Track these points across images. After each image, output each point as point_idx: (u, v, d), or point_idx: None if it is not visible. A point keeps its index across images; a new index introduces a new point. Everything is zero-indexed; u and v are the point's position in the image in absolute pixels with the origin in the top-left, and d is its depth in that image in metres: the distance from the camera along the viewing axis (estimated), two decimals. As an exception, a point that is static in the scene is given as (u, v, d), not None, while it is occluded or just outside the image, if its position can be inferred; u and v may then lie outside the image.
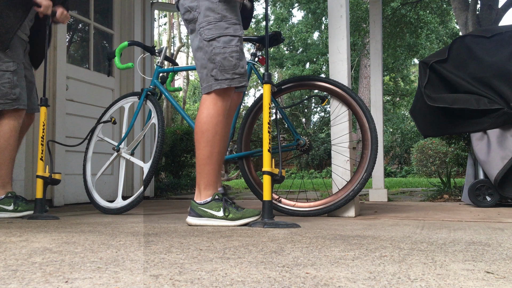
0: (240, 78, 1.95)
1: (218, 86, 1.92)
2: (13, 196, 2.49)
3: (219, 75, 1.92)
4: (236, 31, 1.93)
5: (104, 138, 2.87)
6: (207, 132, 1.91)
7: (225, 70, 1.91)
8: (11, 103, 2.46)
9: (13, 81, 2.45)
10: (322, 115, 20.35)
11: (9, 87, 2.45)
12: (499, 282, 0.86)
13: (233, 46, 1.91)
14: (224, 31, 1.90)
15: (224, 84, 1.92)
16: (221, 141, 1.94)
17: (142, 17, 4.51)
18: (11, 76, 2.45)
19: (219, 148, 1.94)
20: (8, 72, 2.45)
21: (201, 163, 1.93)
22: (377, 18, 4.03)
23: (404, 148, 12.43)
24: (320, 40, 20.85)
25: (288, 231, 1.67)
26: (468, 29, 7.97)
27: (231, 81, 1.93)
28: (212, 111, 1.92)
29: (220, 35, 1.90)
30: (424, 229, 1.74)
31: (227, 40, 1.90)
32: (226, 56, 1.90)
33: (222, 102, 1.95)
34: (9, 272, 0.96)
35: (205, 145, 1.91)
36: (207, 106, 1.94)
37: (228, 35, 1.91)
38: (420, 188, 5.80)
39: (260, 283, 0.85)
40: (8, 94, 2.45)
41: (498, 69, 2.92)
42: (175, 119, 14.62)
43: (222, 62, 1.90)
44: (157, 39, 19.94)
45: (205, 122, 1.91)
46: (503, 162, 2.83)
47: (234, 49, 1.91)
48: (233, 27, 1.92)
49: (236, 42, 1.93)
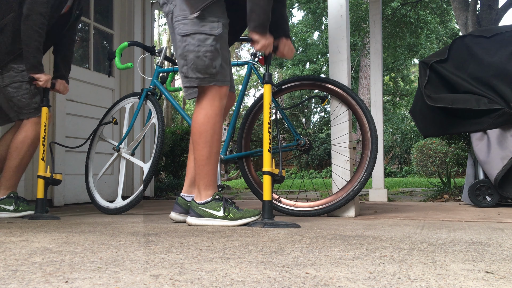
0: (210, 78, 1.89)
1: (188, 84, 1.90)
2: (14, 197, 2.50)
3: (189, 73, 1.88)
4: (213, 30, 1.84)
5: (106, 139, 2.88)
6: (205, 133, 1.89)
7: (197, 69, 1.86)
8: (34, 112, 2.51)
9: (31, 90, 2.49)
10: (322, 115, 20.35)
11: (29, 97, 2.49)
12: (499, 282, 0.86)
13: (207, 46, 1.84)
14: (199, 28, 1.83)
15: (194, 83, 1.89)
16: (218, 141, 1.93)
17: (142, 17, 4.51)
18: (28, 86, 2.48)
19: (217, 148, 1.94)
20: (25, 82, 2.47)
21: (200, 163, 1.92)
22: (377, 18, 4.03)
23: (404, 148, 12.43)
24: (320, 40, 20.85)
25: (288, 231, 1.67)
26: (468, 29, 7.97)
27: (202, 80, 1.88)
28: (209, 111, 1.91)
29: (195, 32, 1.83)
30: (424, 229, 1.74)
31: (202, 39, 1.83)
32: (199, 55, 1.84)
33: (219, 102, 1.93)
34: (9, 272, 0.96)
35: (204, 145, 1.90)
36: (204, 106, 1.92)
37: (204, 33, 1.83)
38: (420, 188, 5.80)
39: (260, 283, 0.85)
40: (29, 104, 2.49)
41: (498, 69, 2.92)
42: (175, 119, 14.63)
43: (195, 60, 1.85)
44: (157, 39, 19.95)
45: (203, 123, 1.90)
46: (503, 162, 2.83)
47: (209, 49, 1.84)
48: (209, 25, 1.84)
49: (211, 42, 1.84)
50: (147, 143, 4.41)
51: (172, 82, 3.24)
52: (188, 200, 2.11)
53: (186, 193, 2.13)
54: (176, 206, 2.11)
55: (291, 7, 20.45)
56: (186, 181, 2.15)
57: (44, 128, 2.45)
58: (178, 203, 2.11)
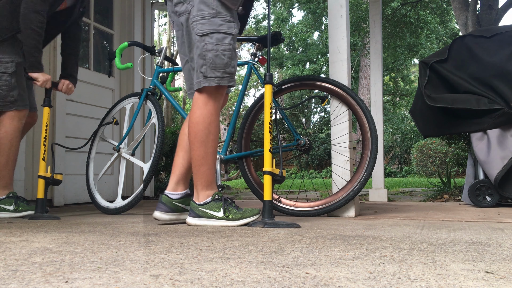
0: (229, 78, 1.90)
1: (207, 84, 1.87)
2: (14, 197, 2.50)
3: (208, 72, 1.86)
4: (230, 29, 1.87)
5: (106, 139, 2.88)
6: (200, 133, 1.88)
7: (216, 68, 1.86)
8: (9, 105, 2.45)
9: (11, 83, 2.44)
10: (322, 115, 20.36)
11: (6, 89, 2.44)
12: (499, 282, 0.86)
13: (226, 44, 1.86)
14: (218, 28, 1.85)
15: (213, 82, 1.87)
16: (214, 140, 1.91)
17: (142, 17, 4.51)
18: (9, 79, 2.44)
19: (213, 148, 1.91)
20: (6, 74, 2.43)
21: (196, 164, 1.90)
22: (377, 18, 4.03)
23: (404, 148, 12.43)
24: (320, 40, 20.86)
25: (288, 231, 1.67)
26: (468, 29, 7.97)
27: (221, 80, 1.88)
28: (204, 111, 1.89)
29: (213, 31, 1.84)
30: (424, 229, 1.74)
31: (221, 38, 1.85)
32: (218, 53, 1.85)
33: (214, 101, 1.91)
34: (9, 272, 0.96)
35: (199, 145, 1.88)
36: (199, 105, 1.90)
37: (222, 32, 1.85)
38: (420, 188, 5.80)
39: (260, 283, 0.85)
40: (6, 96, 2.44)
41: (498, 69, 2.92)
42: (175, 119, 14.62)
43: (214, 59, 1.85)
44: (157, 39, 19.94)
45: (198, 123, 1.88)
46: (503, 162, 2.83)
47: (227, 47, 1.86)
48: (227, 24, 1.87)
49: (230, 41, 1.87)
50: (147, 143, 4.41)
51: (172, 82, 3.24)
52: (172, 198, 2.04)
53: (171, 191, 2.06)
54: (160, 204, 2.02)
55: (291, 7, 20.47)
56: (172, 178, 2.08)
57: (45, 129, 2.45)
58: (162, 201, 2.03)
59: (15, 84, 2.46)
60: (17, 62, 2.47)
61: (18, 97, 2.47)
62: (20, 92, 2.48)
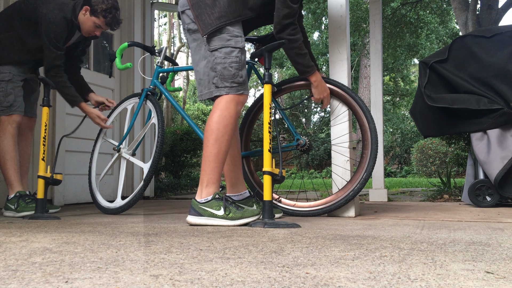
0: (238, 87, 2.03)
1: (218, 93, 2.02)
2: (17, 196, 2.57)
3: (219, 83, 2.03)
4: (237, 43, 2.04)
5: (107, 139, 2.88)
6: (217, 131, 1.98)
7: (225, 79, 2.01)
8: (5, 110, 2.63)
9: (6, 89, 2.62)
10: (322, 115, 20.36)
11: (2, 95, 2.62)
12: (499, 282, 0.86)
13: (233, 57, 2.02)
14: (225, 43, 2.02)
15: (223, 92, 2.02)
16: (229, 141, 2.00)
17: (142, 17, 4.50)
18: (5, 85, 2.62)
19: (226, 148, 1.99)
20: (4, 82, 2.62)
21: (207, 159, 1.97)
22: (377, 18, 4.03)
23: (404, 148, 12.43)
24: (320, 40, 20.85)
25: (288, 231, 1.67)
26: (468, 29, 7.97)
27: (230, 89, 2.02)
28: (224, 113, 2.00)
29: (222, 46, 2.02)
30: (424, 229, 1.74)
31: (228, 51, 2.02)
32: (226, 66, 2.01)
33: (235, 107, 2.03)
34: (9, 272, 0.96)
35: (214, 142, 1.97)
36: (220, 107, 2.02)
37: (229, 46, 2.02)
38: (420, 188, 5.80)
39: (260, 283, 0.85)
40: (1, 102, 2.62)
41: (498, 69, 2.92)
42: (175, 119, 14.62)
43: (222, 71, 2.01)
44: (157, 39, 19.94)
45: (216, 122, 1.99)
46: (503, 162, 2.83)
47: (234, 60, 2.02)
48: (234, 39, 2.03)
49: (237, 53, 2.03)
50: (147, 143, 4.41)
51: (172, 82, 3.24)
52: None
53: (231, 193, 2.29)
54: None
55: (291, 7, 20.42)
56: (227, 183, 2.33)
57: (44, 128, 2.46)
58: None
59: (11, 91, 2.64)
60: (14, 73, 2.64)
61: (14, 102, 2.64)
62: (16, 98, 2.64)
